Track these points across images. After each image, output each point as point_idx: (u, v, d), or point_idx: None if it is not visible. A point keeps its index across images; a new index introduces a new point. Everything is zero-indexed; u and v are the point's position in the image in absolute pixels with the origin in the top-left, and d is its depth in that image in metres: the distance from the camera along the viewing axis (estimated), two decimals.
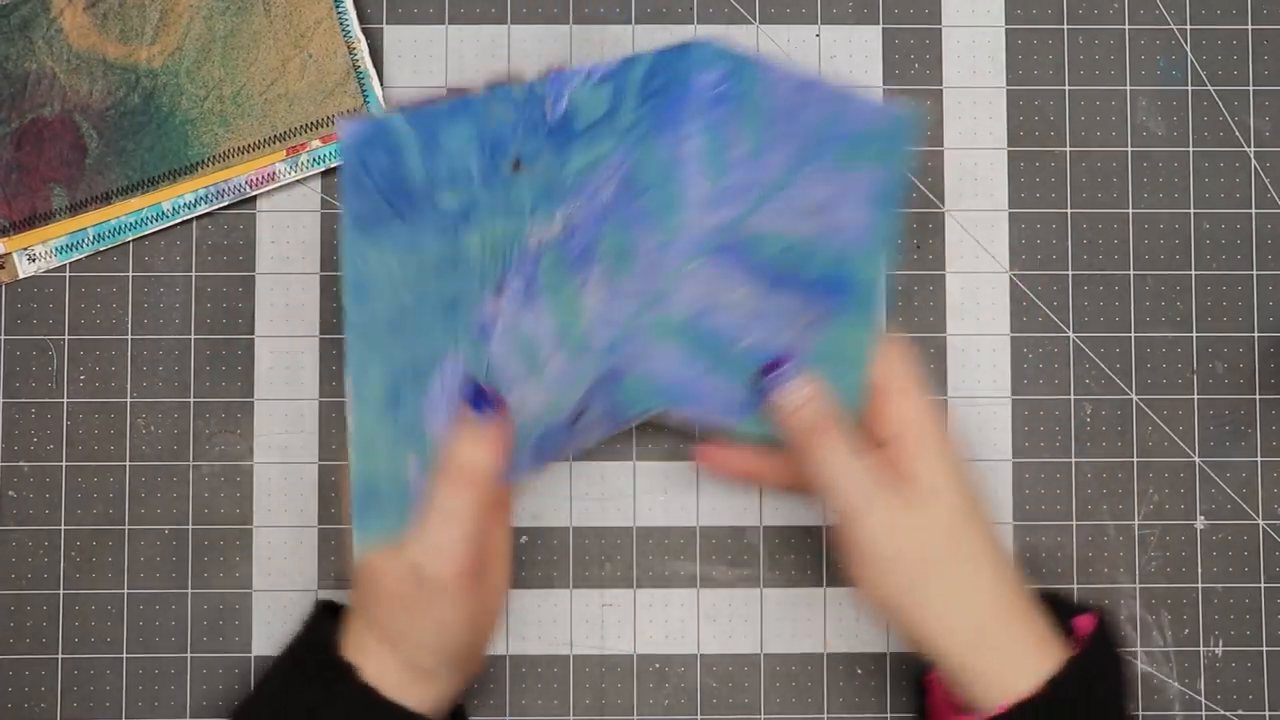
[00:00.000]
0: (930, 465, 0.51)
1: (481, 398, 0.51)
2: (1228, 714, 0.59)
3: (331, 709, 0.50)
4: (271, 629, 0.59)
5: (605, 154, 0.51)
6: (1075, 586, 0.59)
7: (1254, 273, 0.60)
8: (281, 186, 0.60)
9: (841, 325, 0.54)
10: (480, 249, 0.50)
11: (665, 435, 0.60)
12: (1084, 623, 0.52)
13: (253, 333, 0.60)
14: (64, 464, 0.59)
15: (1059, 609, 0.52)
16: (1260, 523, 0.60)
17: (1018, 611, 0.50)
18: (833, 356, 0.54)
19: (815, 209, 0.53)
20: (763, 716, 0.59)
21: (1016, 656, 0.50)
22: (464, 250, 0.49)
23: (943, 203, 0.60)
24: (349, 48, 0.59)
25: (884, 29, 0.61)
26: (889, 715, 0.59)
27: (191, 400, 0.60)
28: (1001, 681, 0.49)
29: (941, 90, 0.61)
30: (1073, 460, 0.60)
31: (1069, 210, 0.60)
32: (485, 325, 0.51)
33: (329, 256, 0.60)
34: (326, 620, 0.53)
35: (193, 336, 0.60)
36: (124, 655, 0.59)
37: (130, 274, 0.60)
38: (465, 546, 0.49)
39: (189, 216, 0.59)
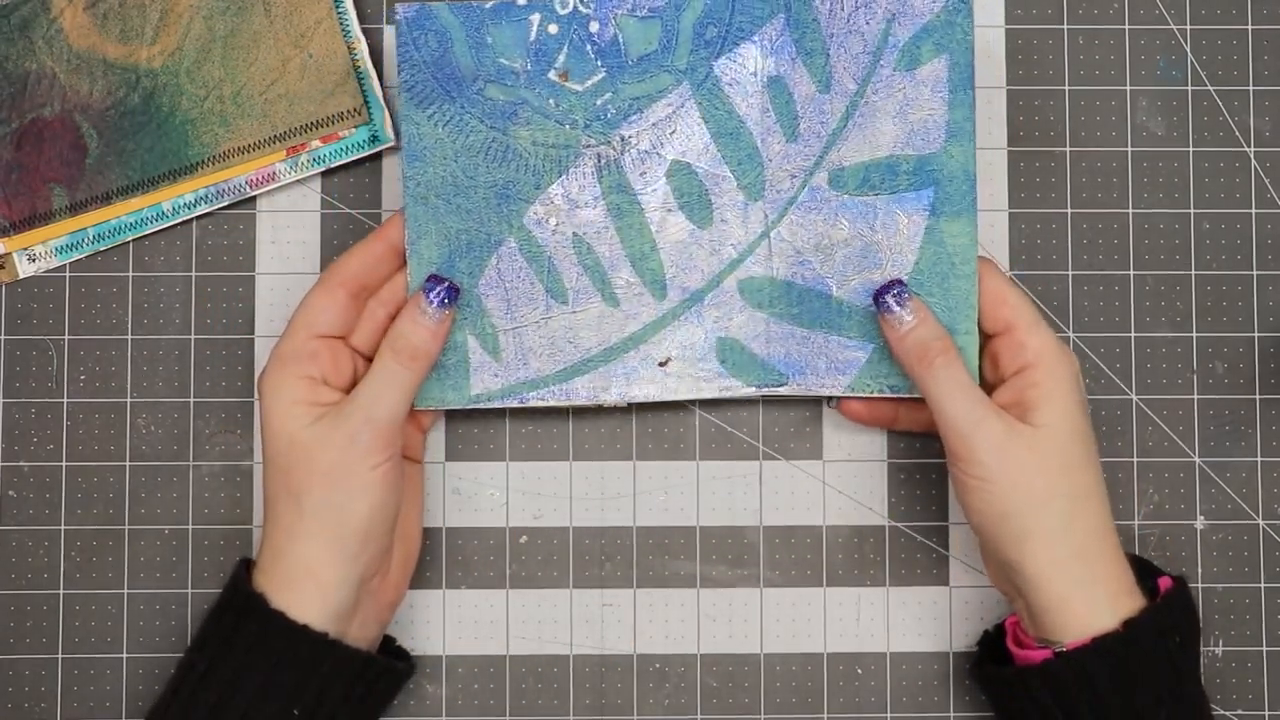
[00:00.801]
0: (1055, 396, 0.52)
1: (451, 295, 0.54)
2: (1228, 714, 0.59)
3: (237, 642, 0.51)
4: None
5: (664, 88, 0.55)
6: None
7: (1254, 273, 0.60)
8: (281, 186, 0.60)
9: (943, 225, 0.55)
10: (532, 148, 0.55)
11: (665, 435, 0.60)
12: (1165, 582, 0.53)
13: (253, 333, 0.60)
14: (64, 464, 0.59)
15: (1140, 568, 0.53)
16: (1260, 523, 0.60)
17: (1113, 557, 0.52)
18: (940, 262, 0.55)
19: (890, 121, 0.55)
20: (763, 716, 0.59)
21: (1102, 596, 0.51)
22: (514, 145, 0.55)
23: None
24: (349, 48, 0.59)
25: None
26: (889, 715, 0.59)
27: (191, 400, 0.60)
28: (1085, 618, 0.50)
29: None
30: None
31: (1069, 210, 0.60)
32: (542, 222, 0.56)
33: (329, 256, 0.60)
34: (241, 568, 0.54)
35: (193, 336, 0.60)
36: (124, 655, 0.59)
37: (130, 274, 0.60)
38: (399, 411, 0.52)
39: (189, 216, 0.59)
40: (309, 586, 0.51)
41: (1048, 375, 0.52)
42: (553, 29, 0.55)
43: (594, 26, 0.55)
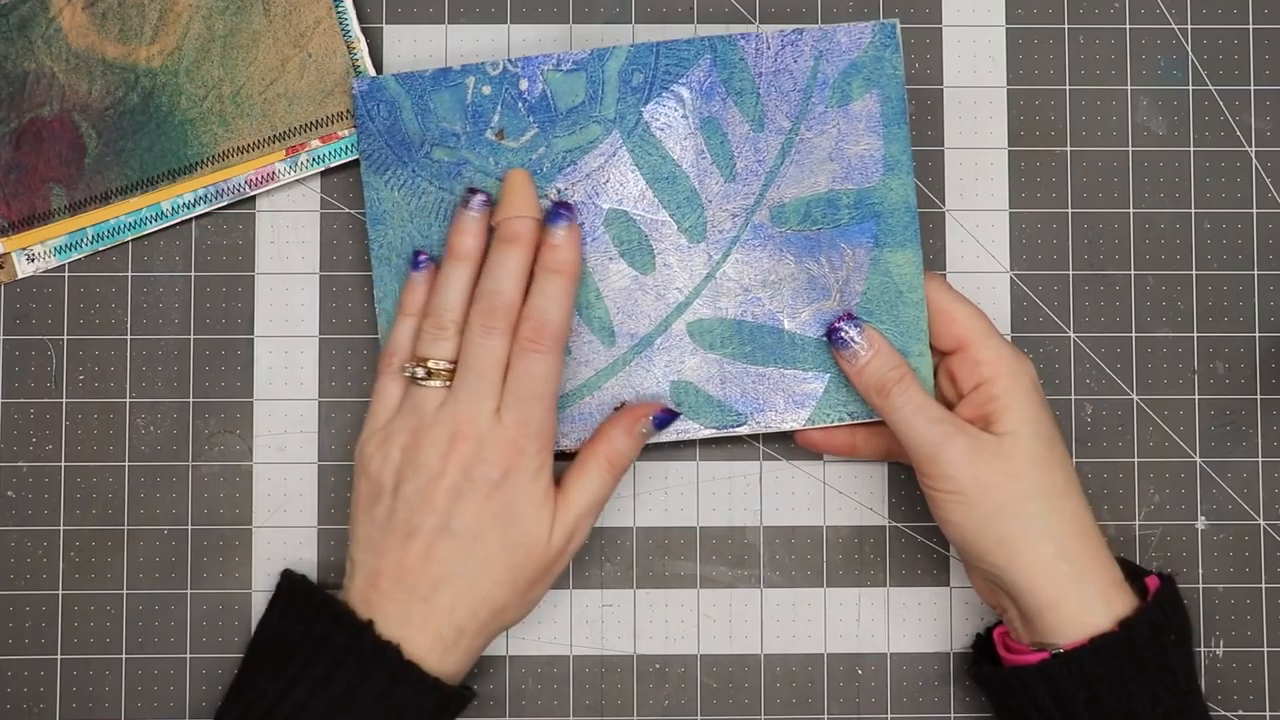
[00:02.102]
0: (1015, 404, 0.52)
1: (664, 422, 0.56)
2: (1228, 714, 0.59)
3: (369, 691, 0.50)
4: None
5: (595, 138, 0.56)
6: None
7: (1254, 273, 0.60)
8: (281, 186, 0.60)
9: (887, 256, 0.56)
10: None
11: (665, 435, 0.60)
12: (1152, 582, 0.53)
13: (253, 333, 0.60)
14: (63, 464, 0.59)
15: (1126, 568, 0.54)
16: (1261, 523, 0.60)
17: (1097, 552, 0.52)
18: (888, 290, 0.55)
19: (826, 156, 0.56)
20: (763, 717, 0.59)
21: (1093, 592, 0.51)
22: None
23: (943, 203, 0.60)
24: (349, 47, 0.59)
25: None
26: (889, 715, 0.59)
27: (191, 400, 0.60)
28: (1078, 618, 0.51)
29: (941, 90, 0.61)
30: (1073, 460, 0.60)
31: (1069, 210, 0.60)
32: None
33: (328, 256, 0.60)
34: (311, 587, 0.54)
35: (192, 336, 0.60)
36: (124, 655, 0.59)
37: (129, 274, 0.60)
38: (598, 511, 0.55)
39: (188, 216, 0.59)
40: (449, 640, 0.52)
41: (1005, 386, 0.53)
42: (486, 90, 0.57)
43: (524, 84, 0.56)
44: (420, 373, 0.53)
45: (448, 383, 0.53)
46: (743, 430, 0.57)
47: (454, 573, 0.51)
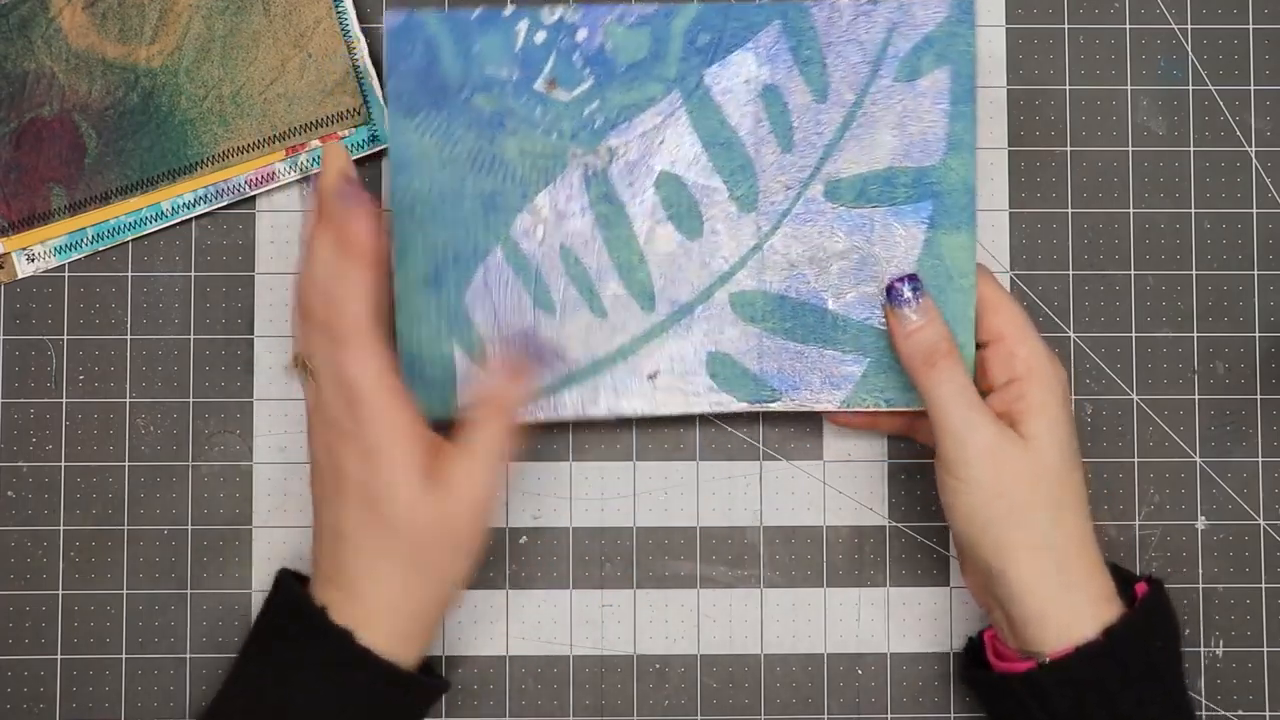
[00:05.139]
0: (1044, 410, 0.52)
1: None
2: (1228, 714, 0.59)
3: (305, 665, 0.50)
4: None
5: (653, 97, 0.55)
6: None
7: (1254, 273, 0.60)
8: (281, 186, 0.60)
9: (941, 238, 0.55)
10: (519, 157, 0.55)
11: (665, 436, 0.60)
12: (1141, 588, 0.53)
13: (252, 333, 0.60)
14: (63, 464, 0.59)
15: (1119, 575, 0.54)
16: (1261, 523, 0.60)
17: (1092, 566, 0.52)
18: (938, 275, 0.55)
19: (889, 132, 0.55)
20: (763, 717, 0.59)
21: (1083, 602, 0.51)
22: (501, 155, 0.55)
23: None
24: (349, 47, 0.59)
25: None
26: (889, 715, 0.59)
27: (191, 400, 0.60)
28: (1065, 627, 0.51)
29: None
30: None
31: (1069, 210, 0.60)
32: (528, 232, 0.55)
33: None
34: (293, 582, 0.53)
35: (192, 336, 0.60)
36: (123, 656, 0.59)
37: (129, 274, 0.60)
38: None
39: (188, 216, 0.59)
40: (393, 620, 0.51)
41: (1036, 388, 0.52)
42: (540, 37, 0.54)
43: (581, 35, 0.54)
44: (299, 371, 0.52)
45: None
46: (776, 406, 0.56)
47: (354, 569, 0.50)
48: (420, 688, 0.52)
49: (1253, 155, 0.61)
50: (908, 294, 0.54)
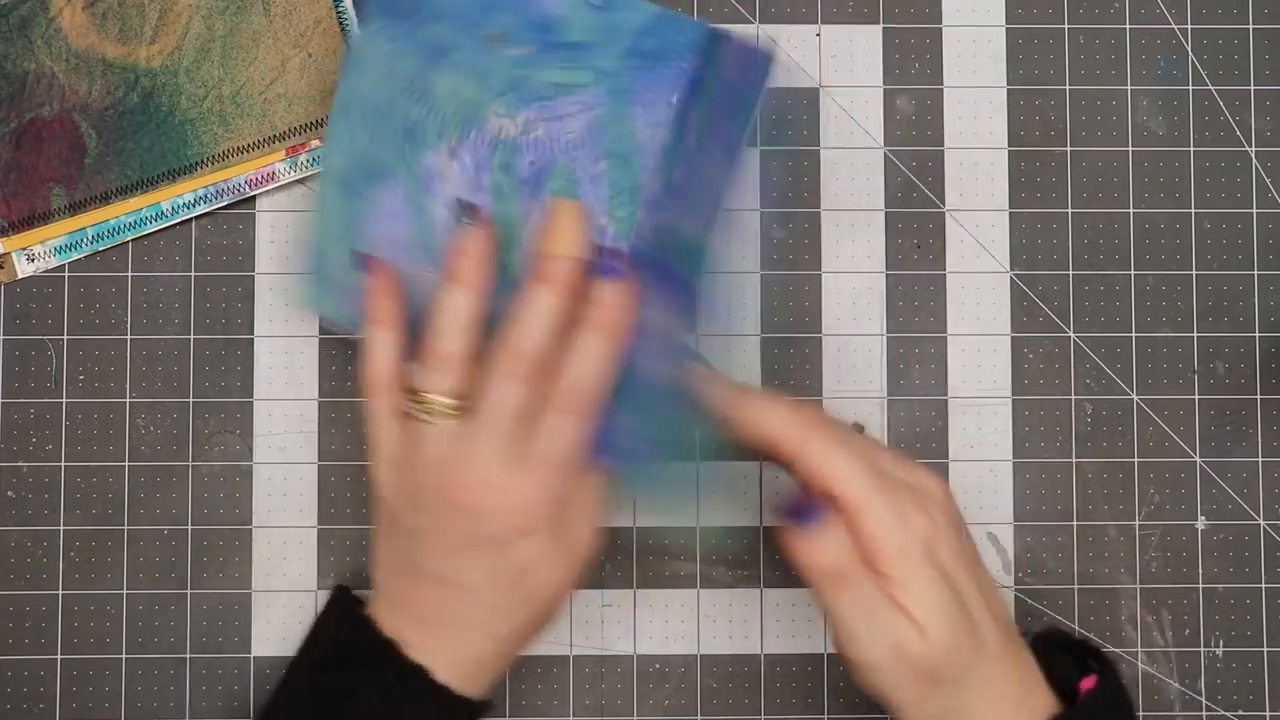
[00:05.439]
0: (922, 590, 0.49)
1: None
2: (1228, 714, 0.59)
3: (372, 690, 0.49)
4: (271, 630, 0.59)
5: (581, 84, 0.52)
6: (1075, 587, 0.59)
7: (1254, 273, 0.60)
8: (281, 186, 0.60)
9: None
10: (448, 97, 0.53)
11: None
12: (1087, 684, 0.52)
13: (252, 333, 0.60)
14: (63, 464, 0.59)
15: (1077, 654, 0.52)
16: (1261, 523, 0.60)
17: (1022, 675, 0.50)
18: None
19: (721, 194, 0.54)
20: (763, 717, 0.59)
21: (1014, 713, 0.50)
22: (433, 87, 0.53)
23: (943, 203, 0.60)
24: (349, 47, 0.59)
25: (884, 29, 0.61)
26: (889, 715, 0.59)
27: (191, 400, 0.60)
28: None
29: (941, 90, 0.61)
30: (1073, 460, 0.60)
31: (1069, 210, 0.60)
32: (429, 178, 0.53)
33: None
34: (354, 603, 0.53)
35: (192, 336, 0.60)
36: (123, 656, 0.59)
37: (129, 274, 0.60)
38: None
39: (188, 216, 0.59)
40: (478, 669, 0.50)
41: (900, 566, 0.49)
42: None
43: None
44: (418, 409, 0.49)
45: (452, 417, 0.49)
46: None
47: (464, 617, 0.49)
48: (482, 708, 0.51)
49: (1253, 155, 0.61)
50: (806, 523, 0.50)
